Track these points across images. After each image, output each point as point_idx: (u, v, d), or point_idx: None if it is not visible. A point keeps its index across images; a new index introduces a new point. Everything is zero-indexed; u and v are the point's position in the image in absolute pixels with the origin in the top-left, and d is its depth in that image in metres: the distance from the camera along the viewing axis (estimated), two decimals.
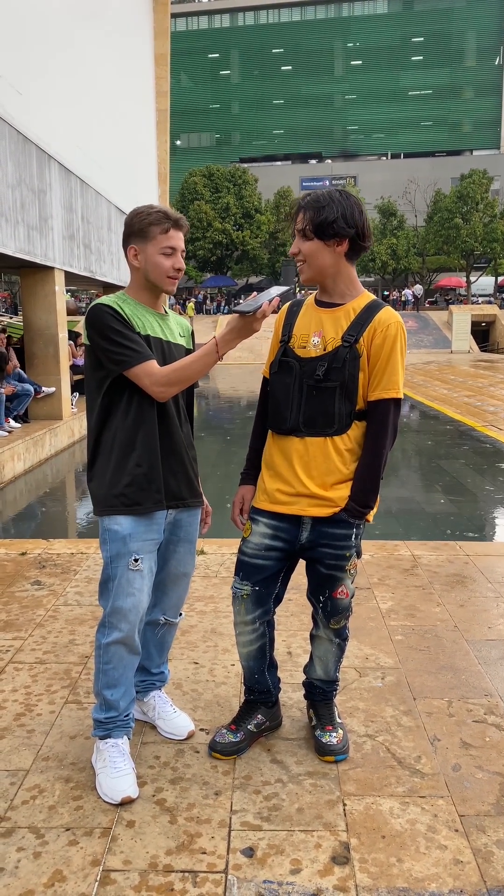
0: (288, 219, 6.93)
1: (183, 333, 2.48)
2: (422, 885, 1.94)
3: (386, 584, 4.13)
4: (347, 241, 2.23)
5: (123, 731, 2.41)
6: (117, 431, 2.29)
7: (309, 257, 2.25)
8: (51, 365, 11.45)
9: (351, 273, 2.32)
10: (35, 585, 4.13)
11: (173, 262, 2.29)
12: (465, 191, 43.25)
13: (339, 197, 2.21)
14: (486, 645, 3.35)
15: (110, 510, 2.29)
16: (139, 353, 2.21)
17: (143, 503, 2.29)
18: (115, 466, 2.29)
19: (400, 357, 2.28)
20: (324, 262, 2.25)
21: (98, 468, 2.33)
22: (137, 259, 2.29)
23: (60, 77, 12.16)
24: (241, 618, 2.47)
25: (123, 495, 2.28)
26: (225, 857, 2.04)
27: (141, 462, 2.29)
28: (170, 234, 2.27)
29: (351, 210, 2.21)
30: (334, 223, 2.19)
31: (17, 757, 2.51)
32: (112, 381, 2.26)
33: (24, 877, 1.98)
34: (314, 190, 2.29)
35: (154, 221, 2.25)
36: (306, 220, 2.22)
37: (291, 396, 2.32)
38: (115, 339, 2.20)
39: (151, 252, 2.27)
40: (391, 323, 2.26)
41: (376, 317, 2.26)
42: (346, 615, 2.47)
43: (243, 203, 47.95)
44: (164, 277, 2.29)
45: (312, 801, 2.28)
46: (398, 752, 2.54)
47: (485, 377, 20.11)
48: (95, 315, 2.23)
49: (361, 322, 2.26)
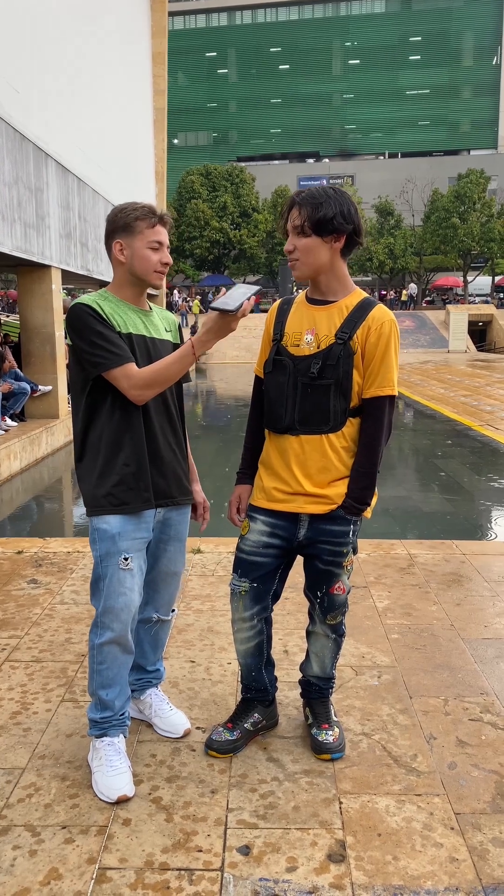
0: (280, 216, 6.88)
1: (169, 328, 2.47)
2: (418, 883, 1.95)
3: (382, 582, 4.14)
4: (344, 237, 2.23)
5: (119, 729, 2.40)
6: (104, 431, 2.28)
7: (305, 254, 2.25)
8: (47, 363, 11.44)
9: (344, 270, 2.32)
10: (31, 584, 4.13)
11: (160, 257, 2.29)
12: (463, 190, 43.30)
13: (335, 194, 2.21)
14: (482, 644, 3.36)
15: (99, 510, 2.29)
16: (117, 355, 2.19)
17: (131, 502, 2.29)
18: (102, 466, 2.28)
19: (394, 354, 2.28)
20: (320, 259, 2.25)
21: (85, 468, 2.32)
22: (123, 254, 2.29)
23: (58, 75, 12.14)
24: (239, 614, 2.47)
25: (111, 495, 2.28)
26: (221, 855, 2.04)
27: (129, 461, 2.28)
28: (156, 228, 2.27)
29: (347, 206, 2.21)
30: (333, 219, 2.19)
31: (12, 755, 2.51)
32: (95, 382, 2.25)
33: (19, 875, 1.97)
34: (306, 188, 2.28)
35: (140, 216, 2.26)
36: (303, 216, 2.21)
37: (286, 395, 2.32)
38: (93, 339, 2.19)
39: (138, 246, 2.27)
40: (385, 321, 2.26)
41: (370, 315, 2.26)
42: (342, 611, 2.48)
43: (241, 202, 47.95)
44: (151, 271, 2.29)
45: (308, 799, 2.28)
46: (394, 750, 2.55)
47: (482, 377, 20.14)
48: (74, 315, 2.22)
49: (355, 319, 2.26)
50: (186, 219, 46.56)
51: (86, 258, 13.54)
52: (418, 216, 47.49)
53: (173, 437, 2.42)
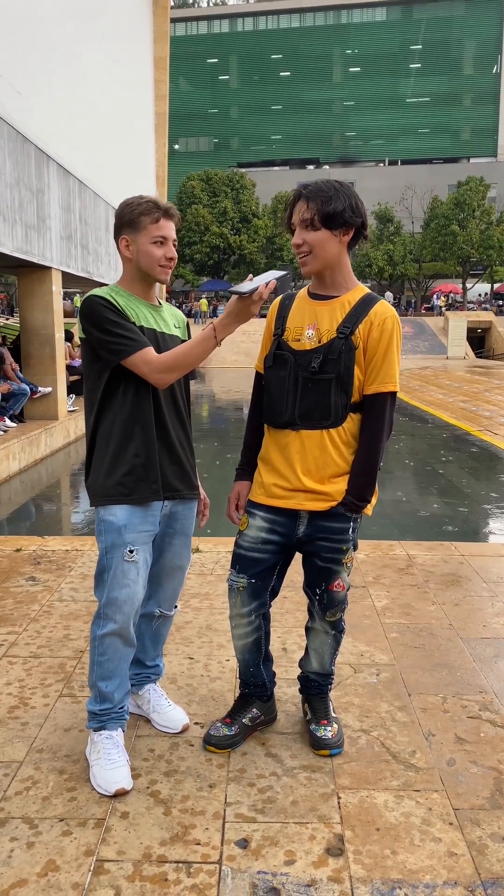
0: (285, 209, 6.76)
1: (178, 324, 2.48)
2: (416, 877, 1.94)
3: (381, 582, 4.13)
4: (353, 230, 2.24)
5: (118, 723, 2.40)
6: (115, 423, 2.29)
7: (316, 247, 2.24)
8: (47, 365, 11.44)
9: (349, 265, 2.32)
10: (30, 581, 4.12)
11: (165, 252, 2.29)
12: (462, 198, 43.48)
13: (342, 187, 2.22)
14: (480, 643, 3.36)
15: (106, 500, 2.29)
16: (136, 341, 2.21)
17: (139, 493, 2.29)
18: (112, 457, 2.29)
19: (396, 351, 2.28)
20: (330, 252, 2.25)
21: (96, 459, 2.33)
22: (129, 250, 2.30)
23: (60, 77, 12.18)
24: (237, 610, 2.47)
25: (121, 484, 2.28)
26: (219, 849, 2.03)
27: (139, 452, 2.29)
28: (160, 223, 2.26)
29: (356, 200, 2.22)
30: (343, 213, 2.19)
31: (10, 749, 2.50)
32: (111, 373, 2.26)
33: (17, 866, 1.97)
34: (309, 181, 2.28)
35: (144, 211, 2.25)
36: (312, 209, 2.20)
37: (287, 390, 2.32)
38: (110, 329, 2.20)
39: (143, 242, 2.27)
40: (388, 317, 2.26)
41: (372, 310, 2.26)
42: (342, 608, 2.47)
43: (241, 208, 48.09)
44: (155, 266, 2.29)
45: (307, 793, 2.28)
46: (393, 746, 2.54)
47: (480, 382, 20.17)
48: (89, 307, 2.23)
49: (357, 314, 2.26)
50: (187, 224, 46.66)
51: (86, 260, 13.55)
52: (418, 223, 47.67)
53: (182, 430, 2.43)
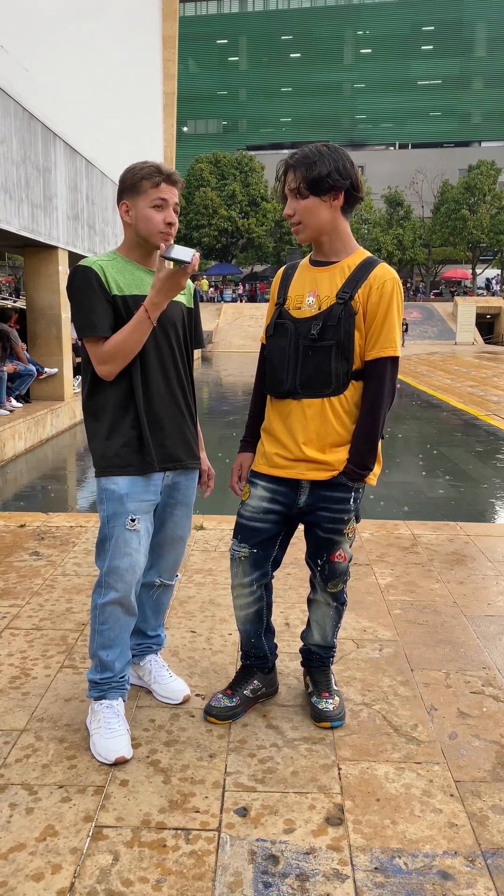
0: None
1: (184, 290, 2.44)
2: (415, 846, 1.93)
3: (385, 560, 4.11)
4: (343, 193, 2.19)
5: (118, 692, 2.39)
6: (110, 394, 2.26)
7: (305, 216, 2.20)
8: (53, 346, 11.41)
9: (346, 228, 2.27)
10: (33, 556, 4.12)
11: (164, 216, 2.22)
12: (473, 182, 43.07)
13: (328, 150, 2.16)
14: (485, 620, 3.33)
15: (106, 471, 2.27)
16: (94, 325, 2.19)
17: (137, 464, 2.27)
18: (109, 428, 2.27)
19: (397, 315, 2.24)
20: (321, 219, 2.20)
21: (94, 430, 2.31)
22: (129, 214, 2.25)
23: (68, 55, 12.06)
24: (239, 580, 2.45)
25: (118, 456, 2.26)
26: (218, 816, 2.03)
27: (136, 424, 2.27)
28: (161, 187, 2.21)
29: (342, 162, 2.17)
30: (328, 177, 2.14)
31: (11, 717, 2.50)
32: None
33: (15, 831, 1.96)
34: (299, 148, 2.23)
35: (145, 176, 2.20)
36: (298, 178, 2.16)
37: (287, 358, 2.29)
38: (78, 305, 2.21)
39: (142, 206, 2.21)
40: (387, 279, 2.22)
41: (372, 273, 2.22)
42: (343, 579, 2.45)
43: (249, 191, 47.72)
44: (155, 232, 2.22)
45: (307, 764, 2.27)
46: (395, 720, 2.53)
47: (488, 368, 20.06)
48: (71, 277, 2.23)
49: (356, 279, 2.22)
50: (195, 207, 46.38)
51: (93, 240, 13.48)
52: (428, 207, 47.26)
53: (183, 400, 2.39)
